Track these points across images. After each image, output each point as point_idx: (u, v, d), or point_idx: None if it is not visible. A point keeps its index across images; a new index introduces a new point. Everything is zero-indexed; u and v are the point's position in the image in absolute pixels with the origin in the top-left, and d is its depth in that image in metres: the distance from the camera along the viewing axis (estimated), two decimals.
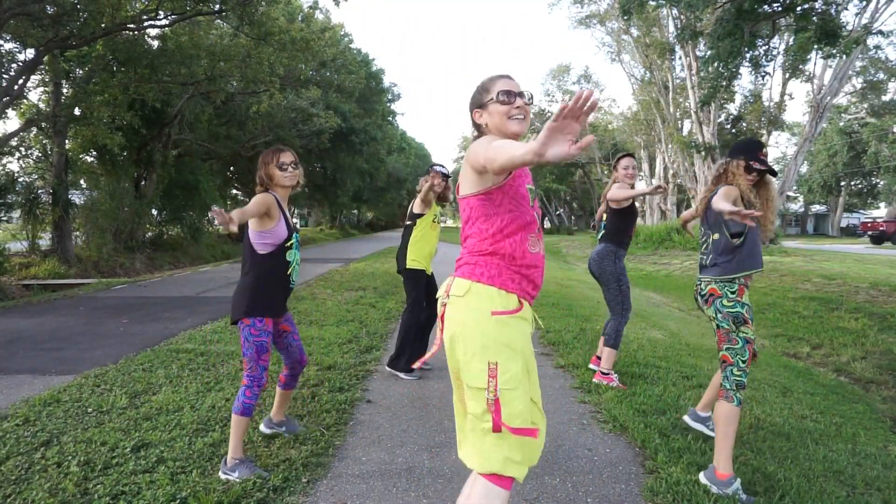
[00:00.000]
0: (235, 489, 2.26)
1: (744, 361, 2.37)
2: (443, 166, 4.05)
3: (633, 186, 3.79)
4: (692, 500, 2.23)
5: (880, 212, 40.63)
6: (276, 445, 2.72)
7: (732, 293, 2.41)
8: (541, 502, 2.28)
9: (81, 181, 14.39)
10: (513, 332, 1.53)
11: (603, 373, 3.78)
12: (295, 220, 2.62)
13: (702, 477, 2.38)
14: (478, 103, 1.68)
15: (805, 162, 31.08)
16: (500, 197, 1.58)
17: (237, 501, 2.19)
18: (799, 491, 2.35)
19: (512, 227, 1.57)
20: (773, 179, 2.53)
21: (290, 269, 2.53)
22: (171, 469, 2.43)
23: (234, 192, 27.51)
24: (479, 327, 1.52)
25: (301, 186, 2.66)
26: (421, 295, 4.06)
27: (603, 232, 3.90)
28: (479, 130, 1.70)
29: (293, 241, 2.52)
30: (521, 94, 1.63)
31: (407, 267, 4.02)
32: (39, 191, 12.57)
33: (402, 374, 4.00)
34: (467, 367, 1.53)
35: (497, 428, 1.45)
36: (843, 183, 41.37)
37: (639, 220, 4.07)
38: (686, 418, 3.00)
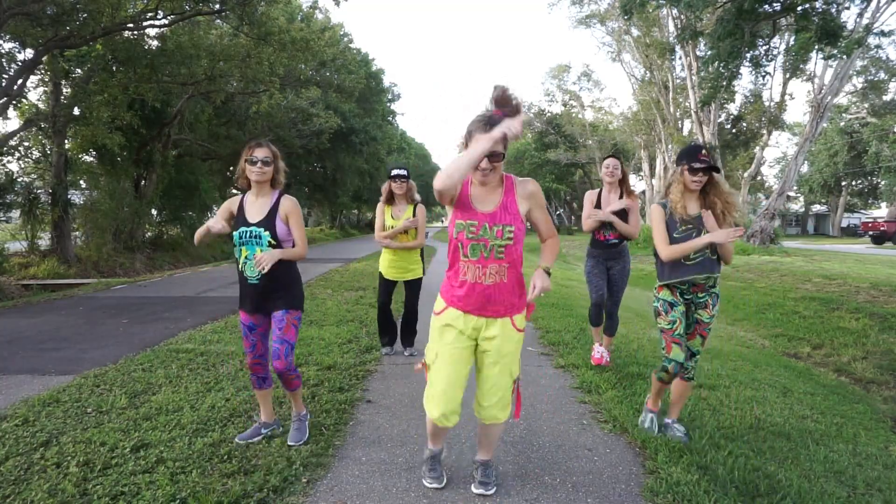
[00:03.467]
0: (235, 489, 2.25)
1: (662, 349, 2.78)
2: (401, 167, 4.25)
3: (620, 186, 4.02)
4: (692, 500, 2.23)
5: (881, 212, 40.62)
6: (276, 445, 2.71)
7: (655, 291, 2.87)
8: (541, 502, 2.27)
9: (81, 181, 14.37)
10: (435, 326, 2.24)
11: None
12: (255, 223, 2.60)
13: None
14: (465, 137, 2.01)
15: (805, 162, 31.03)
16: (449, 229, 2.15)
17: (237, 501, 2.19)
18: (800, 491, 2.35)
19: (450, 257, 2.18)
20: (719, 176, 2.70)
21: (240, 266, 2.60)
22: (170, 469, 2.43)
23: (234, 192, 27.50)
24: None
25: (281, 185, 2.69)
26: (379, 292, 4.55)
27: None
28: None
29: (236, 238, 2.58)
30: (493, 155, 1.95)
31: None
32: (39, 191, 12.57)
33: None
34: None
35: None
36: (843, 183, 41.35)
37: (640, 221, 4.17)
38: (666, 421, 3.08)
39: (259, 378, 2.76)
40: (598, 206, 4.03)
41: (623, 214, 3.96)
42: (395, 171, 4.20)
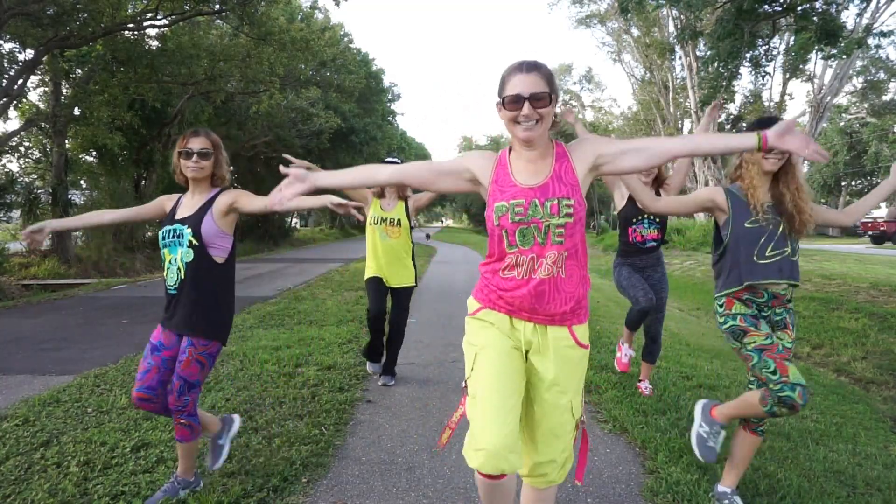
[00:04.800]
0: (235, 489, 2.26)
1: (774, 373, 1.97)
2: (393, 155, 3.80)
3: (654, 185, 3.32)
4: (692, 500, 2.23)
5: (881, 212, 40.56)
6: (276, 445, 2.71)
7: (721, 307, 2.19)
8: None
9: (81, 181, 14.39)
10: (470, 329, 1.68)
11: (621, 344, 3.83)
12: (180, 217, 2.16)
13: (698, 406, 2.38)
14: (498, 97, 1.56)
15: (805, 162, 31.10)
16: (487, 221, 1.62)
17: (237, 501, 2.19)
18: (799, 491, 2.35)
19: (491, 252, 1.63)
20: (799, 160, 2.12)
21: (164, 272, 2.16)
22: (171, 469, 2.43)
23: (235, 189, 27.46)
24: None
25: (225, 181, 2.23)
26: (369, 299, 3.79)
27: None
28: None
29: (160, 238, 2.15)
30: (534, 97, 1.48)
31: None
32: (39, 191, 12.58)
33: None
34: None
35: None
36: (843, 183, 41.36)
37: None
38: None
39: (155, 413, 2.20)
40: (630, 204, 3.31)
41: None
42: (387, 159, 3.57)
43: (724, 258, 2.19)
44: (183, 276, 2.09)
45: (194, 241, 2.08)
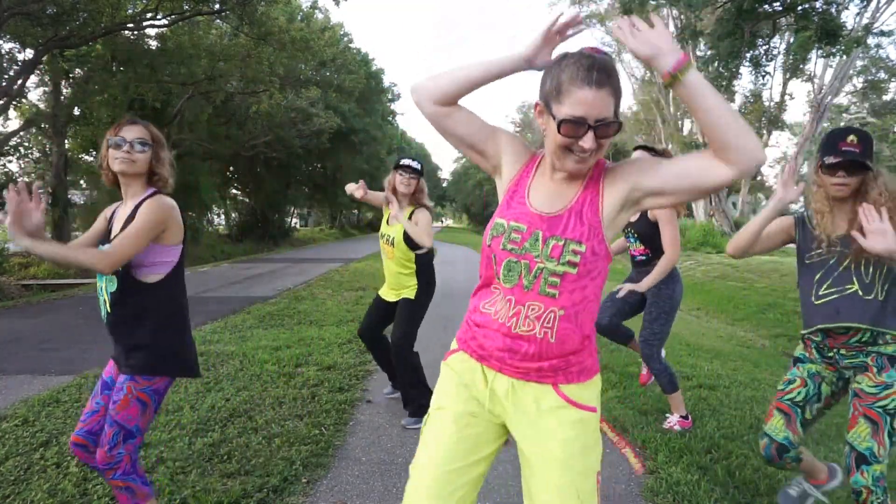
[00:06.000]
0: (235, 489, 2.25)
1: (766, 414, 1.83)
2: (414, 158, 3.17)
3: None
4: (692, 500, 2.23)
5: None
6: (276, 445, 2.71)
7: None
8: None
9: (81, 181, 14.40)
10: (441, 374, 1.33)
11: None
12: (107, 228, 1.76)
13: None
14: (546, 96, 1.15)
15: (805, 162, 31.04)
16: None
17: (237, 501, 2.19)
18: None
19: (480, 272, 1.28)
20: (883, 172, 1.76)
21: (100, 299, 1.74)
22: (171, 469, 2.43)
23: (234, 192, 27.52)
24: None
25: (167, 185, 1.76)
26: (366, 313, 3.43)
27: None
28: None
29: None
30: (595, 127, 1.09)
31: None
32: (39, 191, 12.58)
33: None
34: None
35: None
36: None
37: (677, 237, 3.09)
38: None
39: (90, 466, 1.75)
40: None
41: (650, 227, 2.89)
42: (405, 161, 3.11)
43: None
44: (109, 310, 1.69)
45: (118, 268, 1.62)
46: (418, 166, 3.14)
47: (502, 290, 1.19)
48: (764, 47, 9.93)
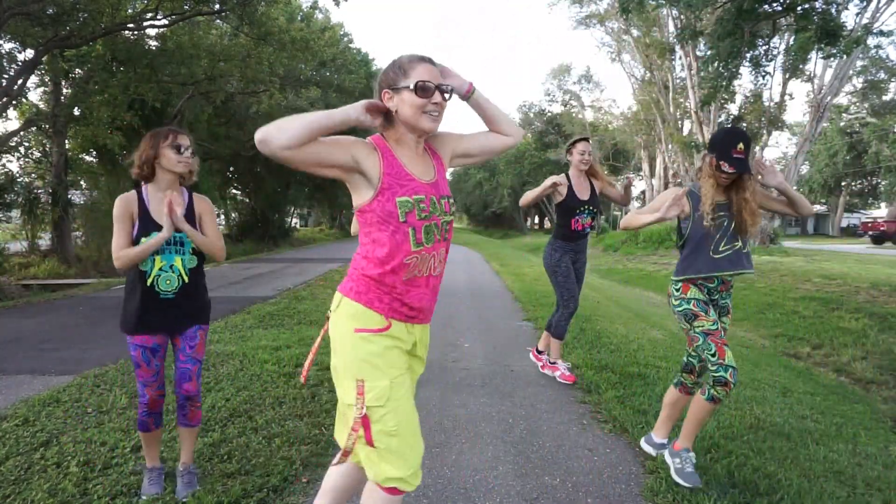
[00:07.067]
0: (235, 489, 2.25)
1: (713, 355, 2.26)
2: None
3: (589, 171, 3.72)
4: (692, 500, 2.23)
5: (881, 212, 40.59)
6: (276, 445, 2.71)
7: (677, 291, 2.43)
8: (541, 502, 2.27)
9: (81, 181, 14.39)
10: (375, 349, 1.47)
11: (550, 362, 3.99)
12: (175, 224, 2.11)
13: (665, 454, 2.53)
14: (391, 83, 1.50)
15: (805, 162, 31.03)
16: (369, 216, 1.48)
17: (237, 501, 2.19)
18: (799, 491, 2.35)
19: (381, 254, 1.47)
20: (750, 177, 2.32)
21: (148, 280, 2.10)
22: (171, 469, 2.43)
23: (234, 192, 27.52)
24: (345, 343, 1.50)
25: (190, 179, 2.26)
26: None
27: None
28: (387, 117, 1.55)
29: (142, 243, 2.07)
30: (440, 88, 1.49)
31: None
32: (39, 191, 12.59)
33: None
34: (339, 382, 1.52)
35: (370, 443, 1.46)
36: (843, 183, 41.35)
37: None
38: (642, 442, 2.75)
39: (156, 416, 2.24)
40: (570, 192, 3.63)
41: (599, 202, 3.71)
42: None
43: (686, 247, 2.43)
44: (186, 280, 2.17)
45: (195, 249, 2.20)
46: None
47: (426, 251, 1.50)
48: (764, 47, 9.92)
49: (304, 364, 1.66)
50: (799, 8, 7.94)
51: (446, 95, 1.52)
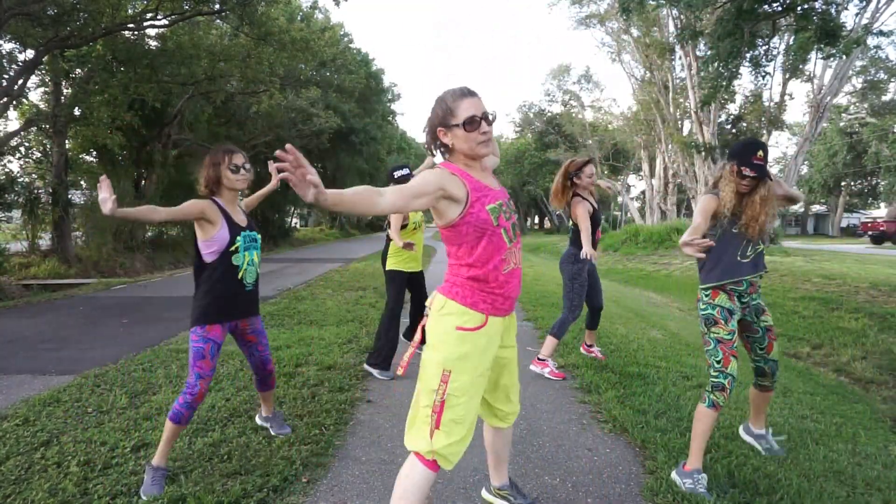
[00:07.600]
0: (235, 489, 2.26)
1: (718, 362, 2.39)
2: (404, 167, 4.01)
3: (592, 193, 4.06)
4: (692, 500, 2.23)
5: (880, 212, 40.55)
6: (276, 445, 2.72)
7: (706, 296, 2.50)
8: (541, 502, 2.27)
9: (82, 181, 14.37)
10: (470, 349, 1.71)
11: (539, 358, 4.09)
12: (243, 219, 2.56)
13: (673, 474, 2.43)
14: (443, 123, 1.73)
15: (805, 162, 31.05)
16: (464, 228, 1.70)
17: (237, 501, 2.19)
18: (799, 491, 2.35)
19: (482, 255, 1.71)
20: (769, 181, 2.42)
21: (240, 273, 2.47)
22: (171, 469, 2.43)
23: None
24: (446, 339, 1.71)
25: (247, 190, 2.63)
26: (397, 294, 4.10)
27: (570, 235, 4.18)
28: (446, 149, 1.78)
29: (237, 243, 2.45)
30: (485, 118, 1.70)
31: (387, 269, 4.18)
32: (39, 191, 12.57)
33: (375, 372, 4.01)
34: (425, 372, 1.74)
35: (437, 426, 1.68)
36: (843, 183, 41.34)
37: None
38: (741, 431, 2.95)
39: (195, 410, 2.37)
40: (595, 212, 3.93)
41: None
42: (398, 173, 3.87)
43: (711, 254, 2.44)
44: (258, 272, 2.58)
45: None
46: (408, 171, 3.94)
47: (515, 247, 1.78)
48: (764, 47, 9.93)
49: (405, 357, 1.87)
50: (799, 8, 7.95)
51: (491, 119, 1.73)
